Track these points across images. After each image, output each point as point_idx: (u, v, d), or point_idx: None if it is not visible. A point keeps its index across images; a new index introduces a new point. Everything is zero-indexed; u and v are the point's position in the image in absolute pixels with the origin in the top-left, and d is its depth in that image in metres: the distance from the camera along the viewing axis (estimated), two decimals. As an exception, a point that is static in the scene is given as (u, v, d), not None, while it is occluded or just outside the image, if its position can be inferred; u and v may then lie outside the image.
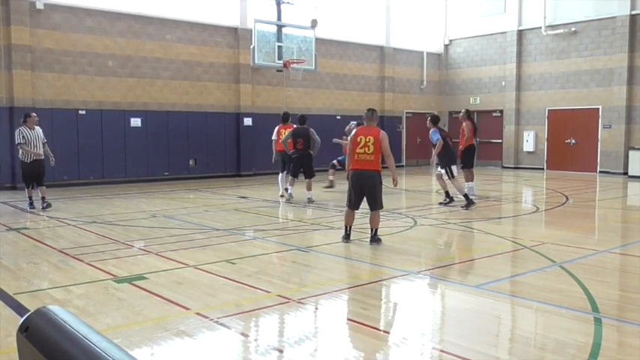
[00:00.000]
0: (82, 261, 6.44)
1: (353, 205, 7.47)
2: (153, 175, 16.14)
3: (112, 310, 4.70)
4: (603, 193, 14.56)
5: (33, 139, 10.40)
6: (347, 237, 7.50)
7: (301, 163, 11.78)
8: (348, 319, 4.64)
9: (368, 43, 21.30)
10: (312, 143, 11.79)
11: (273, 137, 12.61)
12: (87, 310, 4.67)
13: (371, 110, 7.61)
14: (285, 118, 12.68)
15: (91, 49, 15.07)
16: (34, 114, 10.82)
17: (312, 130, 11.96)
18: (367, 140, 7.20)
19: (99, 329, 1.05)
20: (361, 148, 7.21)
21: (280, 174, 12.59)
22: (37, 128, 10.58)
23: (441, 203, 11.50)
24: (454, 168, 11.25)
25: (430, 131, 11.45)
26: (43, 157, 10.61)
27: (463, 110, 13.51)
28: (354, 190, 7.41)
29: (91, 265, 6.22)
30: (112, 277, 5.73)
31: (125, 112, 15.62)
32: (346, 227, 7.55)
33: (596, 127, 19.24)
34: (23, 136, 10.36)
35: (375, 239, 7.37)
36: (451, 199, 11.37)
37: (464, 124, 13.00)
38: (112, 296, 5.14)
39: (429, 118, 11.73)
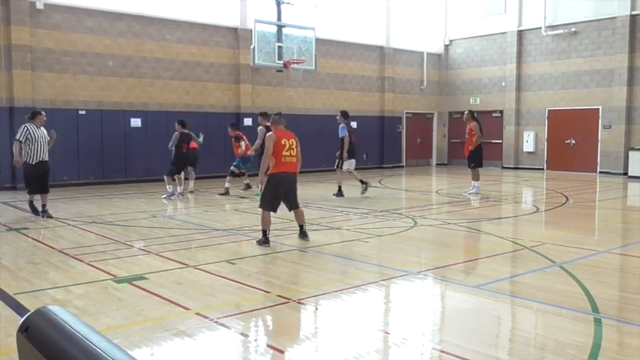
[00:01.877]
0: (82, 261, 6.44)
1: (275, 208, 7.41)
2: (153, 175, 16.12)
3: (112, 311, 4.70)
4: (603, 194, 14.55)
5: (39, 139, 9.60)
6: (267, 241, 7.24)
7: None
8: (348, 320, 4.64)
9: (368, 44, 21.30)
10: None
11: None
12: (87, 310, 4.67)
13: (279, 114, 7.81)
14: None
15: (91, 49, 15.06)
16: (43, 112, 10.06)
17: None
18: (290, 143, 7.32)
19: (99, 329, 1.05)
20: (287, 151, 7.25)
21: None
22: (42, 128, 9.80)
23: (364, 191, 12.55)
24: (352, 163, 12.55)
25: (339, 126, 12.30)
26: (48, 159, 9.84)
27: (467, 111, 13.52)
28: (280, 192, 7.35)
29: (91, 266, 6.22)
30: (112, 277, 5.74)
31: (125, 112, 15.62)
32: (265, 231, 7.29)
33: (596, 127, 19.24)
34: (28, 135, 9.45)
35: (305, 234, 7.54)
36: (367, 186, 12.51)
37: (471, 124, 13.09)
38: (112, 296, 5.14)
39: (341, 113, 12.65)
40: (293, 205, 7.54)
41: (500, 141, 21.97)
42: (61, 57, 14.64)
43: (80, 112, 14.94)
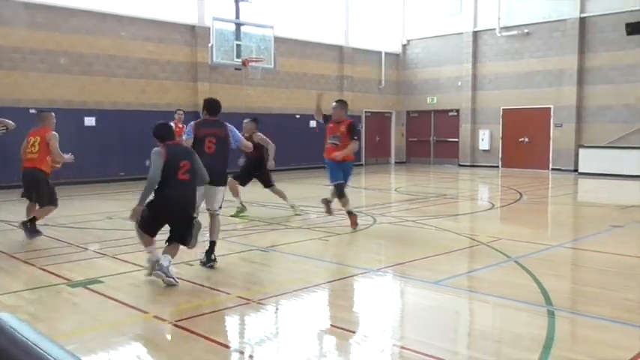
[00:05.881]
0: (34, 265, 6.23)
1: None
2: (108, 175, 15.77)
3: (66, 316, 4.57)
4: (555, 190, 15.02)
5: None
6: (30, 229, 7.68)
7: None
8: (309, 319, 4.64)
9: (327, 43, 21.35)
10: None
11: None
12: (39, 317, 4.53)
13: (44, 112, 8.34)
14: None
15: (43, 46, 14.61)
16: None
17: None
18: (34, 140, 7.90)
19: (52, 336, 1.01)
20: (29, 147, 7.88)
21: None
22: None
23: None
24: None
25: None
26: None
27: None
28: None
29: (43, 270, 6.02)
30: (66, 281, 5.57)
31: (78, 111, 15.22)
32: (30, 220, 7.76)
33: (548, 125, 19.84)
34: None
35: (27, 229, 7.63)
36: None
37: None
38: (67, 301, 4.99)
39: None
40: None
41: (457, 139, 22.40)
42: (10, 54, 14.13)
43: (31, 110, 14.45)
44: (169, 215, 5.58)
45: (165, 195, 5.49)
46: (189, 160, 5.64)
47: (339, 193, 8.40)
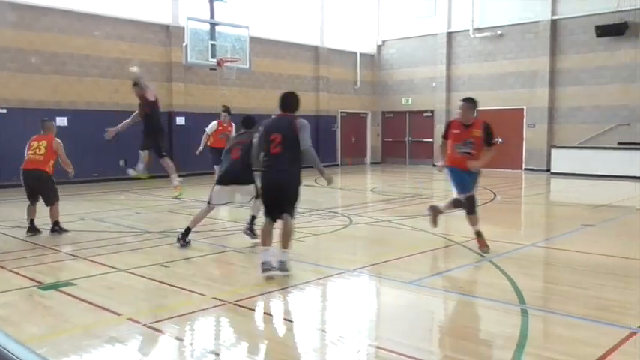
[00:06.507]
0: (4, 268, 6.10)
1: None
2: (81, 176, 15.45)
3: (37, 319, 4.48)
4: (528, 190, 15.25)
5: None
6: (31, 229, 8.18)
7: None
8: (285, 319, 4.63)
9: (302, 43, 21.36)
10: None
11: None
12: (9, 320, 4.43)
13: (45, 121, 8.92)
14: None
15: (14, 45, 14.31)
16: None
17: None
18: (40, 144, 8.34)
19: (23, 339, 0.99)
20: (32, 150, 8.31)
21: None
22: None
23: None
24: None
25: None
26: None
27: None
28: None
29: (14, 272, 5.90)
30: (37, 283, 5.46)
31: (51, 110, 14.93)
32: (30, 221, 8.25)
33: (521, 126, 20.15)
34: None
35: (58, 230, 8.21)
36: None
37: None
38: (38, 304, 4.90)
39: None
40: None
41: (432, 140, 22.59)
42: (-22, 52, 13.84)
43: (1, 110, 14.17)
44: (271, 195, 5.68)
45: (262, 174, 5.62)
46: (280, 132, 5.54)
47: (471, 208, 7.03)
